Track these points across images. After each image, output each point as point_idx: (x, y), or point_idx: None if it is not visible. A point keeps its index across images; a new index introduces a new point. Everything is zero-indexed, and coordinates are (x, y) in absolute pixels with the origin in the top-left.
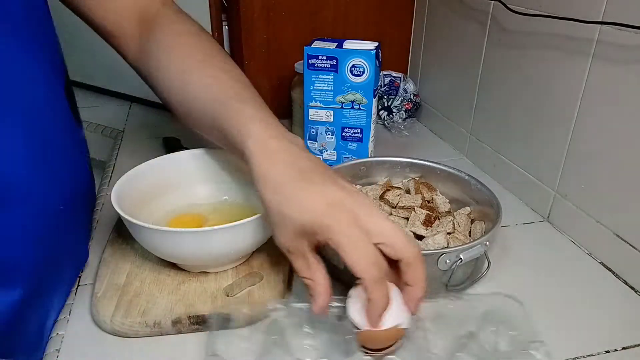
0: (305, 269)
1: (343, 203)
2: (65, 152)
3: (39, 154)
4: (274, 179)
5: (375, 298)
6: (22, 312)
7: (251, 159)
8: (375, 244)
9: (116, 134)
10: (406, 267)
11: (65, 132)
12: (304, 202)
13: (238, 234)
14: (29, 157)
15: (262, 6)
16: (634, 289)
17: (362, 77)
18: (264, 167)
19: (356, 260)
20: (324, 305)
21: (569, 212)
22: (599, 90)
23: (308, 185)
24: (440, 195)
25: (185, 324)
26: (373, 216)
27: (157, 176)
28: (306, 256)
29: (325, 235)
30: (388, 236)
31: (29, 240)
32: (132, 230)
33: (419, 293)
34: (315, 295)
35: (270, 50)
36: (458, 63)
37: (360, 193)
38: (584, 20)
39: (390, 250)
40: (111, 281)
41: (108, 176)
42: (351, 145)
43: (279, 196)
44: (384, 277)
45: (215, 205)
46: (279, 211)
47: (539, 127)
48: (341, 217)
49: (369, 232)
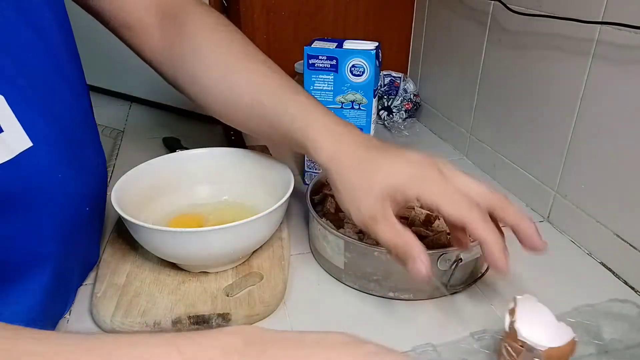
0: (395, 234)
1: (426, 162)
2: (89, 154)
3: (67, 156)
4: (350, 156)
5: (489, 237)
6: (45, 307)
7: (319, 143)
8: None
9: (116, 134)
10: (502, 212)
11: (88, 133)
12: (390, 167)
13: (238, 234)
14: (59, 158)
15: (262, 6)
16: (634, 289)
17: (362, 77)
18: (336, 147)
19: (456, 207)
20: (427, 263)
21: (569, 212)
22: (599, 90)
23: (387, 154)
24: None
25: (185, 324)
26: (455, 171)
27: (157, 176)
28: (392, 221)
29: (416, 190)
30: (473, 187)
31: (57, 236)
32: (132, 230)
33: (529, 226)
34: (416, 256)
35: (270, 50)
36: (458, 63)
37: (437, 157)
38: (584, 20)
39: (481, 199)
40: (111, 281)
41: (108, 176)
42: None
43: (360, 168)
44: (487, 215)
45: (215, 205)
46: (361, 182)
47: (539, 127)
48: (428, 172)
49: (455, 184)
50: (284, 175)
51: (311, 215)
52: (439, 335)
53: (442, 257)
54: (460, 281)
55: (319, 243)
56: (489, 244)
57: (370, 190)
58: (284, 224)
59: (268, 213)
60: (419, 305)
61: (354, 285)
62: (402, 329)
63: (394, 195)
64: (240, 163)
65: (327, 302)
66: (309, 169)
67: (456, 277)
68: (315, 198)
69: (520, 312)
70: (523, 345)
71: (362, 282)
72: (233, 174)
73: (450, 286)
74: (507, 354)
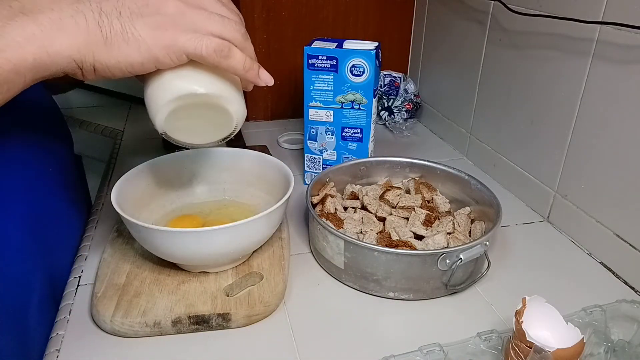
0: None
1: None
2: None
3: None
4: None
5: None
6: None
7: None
8: None
9: (116, 134)
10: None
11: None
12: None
13: (238, 234)
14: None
15: (262, 6)
16: (634, 289)
17: (362, 77)
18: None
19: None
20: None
21: (569, 212)
22: (599, 90)
23: None
24: (440, 195)
25: (185, 324)
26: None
27: (157, 176)
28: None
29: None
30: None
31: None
32: (132, 230)
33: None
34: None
35: (270, 50)
36: (458, 63)
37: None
38: (584, 20)
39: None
40: (111, 281)
41: (108, 176)
42: (351, 145)
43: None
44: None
45: (215, 205)
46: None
47: (539, 127)
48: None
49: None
50: (284, 175)
51: (311, 215)
52: (439, 335)
53: (442, 257)
54: (460, 281)
55: (319, 243)
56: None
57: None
58: (284, 224)
59: (268, 213)
60: (419, 305)
61: (354, 285)
62: (403, 329)
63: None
64: (240, 163)
65: (327, 302)
66: (309, 169)
67: (456, 277)
68: (315, 198)
69: (529, 312)
70: (531, 346)
71: (362, 282)
72: (233, 174)
73: (450, 286)
74: (515, 355)
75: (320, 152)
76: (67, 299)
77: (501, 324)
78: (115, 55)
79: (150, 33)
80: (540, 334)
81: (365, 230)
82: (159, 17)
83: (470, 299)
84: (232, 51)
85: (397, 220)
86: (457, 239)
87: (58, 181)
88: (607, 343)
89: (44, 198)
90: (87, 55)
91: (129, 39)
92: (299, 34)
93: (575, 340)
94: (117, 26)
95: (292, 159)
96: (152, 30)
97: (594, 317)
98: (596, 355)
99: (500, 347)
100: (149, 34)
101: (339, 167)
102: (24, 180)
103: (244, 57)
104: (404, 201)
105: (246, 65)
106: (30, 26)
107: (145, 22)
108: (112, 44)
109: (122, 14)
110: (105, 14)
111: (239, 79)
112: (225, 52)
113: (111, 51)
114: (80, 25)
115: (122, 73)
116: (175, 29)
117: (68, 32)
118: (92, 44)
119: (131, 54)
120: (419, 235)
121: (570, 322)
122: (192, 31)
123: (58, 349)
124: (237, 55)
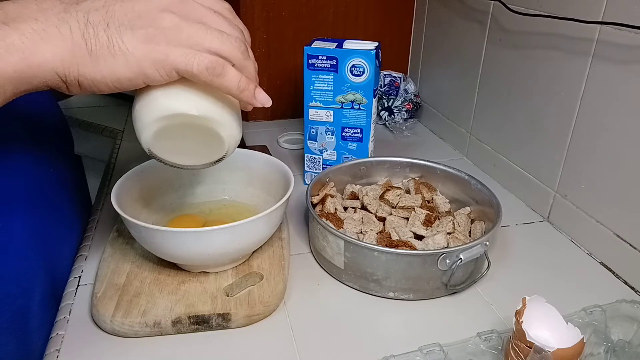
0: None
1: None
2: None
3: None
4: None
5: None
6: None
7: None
8: None
9: (116, 134)
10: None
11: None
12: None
13: (238, 234)
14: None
15: (262, 6)
16: (634, 289)
17: (362, 77)
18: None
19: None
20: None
21: (569, 212)
22: (599, 90)
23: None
24: (440, 195)
25: (185, 324)
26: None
27: (157, 176)
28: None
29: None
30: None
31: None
32: (132, 230)
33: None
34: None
35: (270, 50)
36: (458, 63)
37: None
38: (584, 20)
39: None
40: (111, 281)
41: (108, 176)
42: (351, 145)
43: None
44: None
45: (215, 205)
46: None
47: (539, 127)
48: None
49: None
50: (284, 175)
51: (311, 215)
52: (439, 335)
53: (442, 257)
54: (460, 281)
55: (319, 243)
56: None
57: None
58: (284, 224)
59: (268, 213)
60: (419, 305)
61: (354, 285)
62: (403, 329)
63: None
64: (240, 163)
65: (327, 302)
66: (309, 169)
67: (456, 277)
68: (315, 198)
69: (529, 312)
70: (531, 346)
71: (362, 282)
72: (233, 174)
73: (450, 286)
74: (515, 355)
75: (320, 152)
76: (67, 299)
77: (501, 324)
78: (101, 69)
79: (140, 46)
80: (540, 334)
81: (365, 230)
82: (152, 30)
83: (470, 299)
84: (226, 69)
85: (397, 220)
86: (457, 239)
87: (58, 181)
88: (607, 343)
89: (45, 198)
90: (71, 68)
91: (116, 53)
92: (299, 34)
93: (575, 340)
94: (104, 38)
95: (292, 159)
96: (142, 43)
97: (594, 317)
98: (596, 355)
99: (500, 347)
100: (138, 47)
101: (339, 167)
102: (25, 181)
103: (239, 77)
104: (404, 201)
105: (241, 85)
106: (11, 36)
107: (135, 35)
108: (97, 57)
109: (109, 26)
110: (92, 25)
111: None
112: (218, 70)
113: (97, 65)
114: (64, 36)
115: (108, 88)
116: (169, 44)
117: (51, 43)
118: (77, 56)
119: (118, 68)
120: (419, 235)
121: (570, 322)
122: (186, 47)
123: (58, 349)
124: (230, 74)
